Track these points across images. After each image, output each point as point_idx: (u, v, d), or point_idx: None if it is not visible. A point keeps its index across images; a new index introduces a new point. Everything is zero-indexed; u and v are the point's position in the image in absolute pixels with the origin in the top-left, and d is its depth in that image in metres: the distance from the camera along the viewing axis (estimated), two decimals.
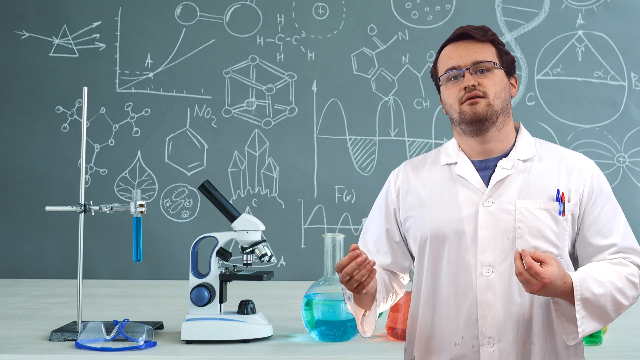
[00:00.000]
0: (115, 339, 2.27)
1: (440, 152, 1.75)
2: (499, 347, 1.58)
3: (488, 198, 1.61)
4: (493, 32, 1.68)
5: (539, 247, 1.58)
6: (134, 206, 2.43)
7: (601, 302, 1.53)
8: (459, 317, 1.62)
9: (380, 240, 1.76)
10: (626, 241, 1.62)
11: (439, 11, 4.04)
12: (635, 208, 3.98)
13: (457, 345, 1.62)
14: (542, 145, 1.70)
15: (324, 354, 2.22)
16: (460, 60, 1.63)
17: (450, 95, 1.65)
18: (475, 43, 1.65)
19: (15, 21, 4.01)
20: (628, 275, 1.58)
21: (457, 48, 1.66)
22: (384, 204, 1.77)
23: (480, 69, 1.63)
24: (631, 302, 1.58)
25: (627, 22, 4.04)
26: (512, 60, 1.68)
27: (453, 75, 1.64)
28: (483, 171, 1.66)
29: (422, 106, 4.01)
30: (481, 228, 1.60)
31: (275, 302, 3.06)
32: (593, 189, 1.63)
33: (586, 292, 1.52)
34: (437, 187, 1.68)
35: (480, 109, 1.61)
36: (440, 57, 1.70)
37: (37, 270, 3.92)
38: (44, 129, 3.99)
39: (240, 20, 4.04)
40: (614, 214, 1.64)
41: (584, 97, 4.03)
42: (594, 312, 1.53)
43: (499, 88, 1.63)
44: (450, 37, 1.69)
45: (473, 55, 1.63)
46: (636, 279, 1.58)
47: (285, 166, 4.00)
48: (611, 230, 1.62)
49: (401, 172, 1.77)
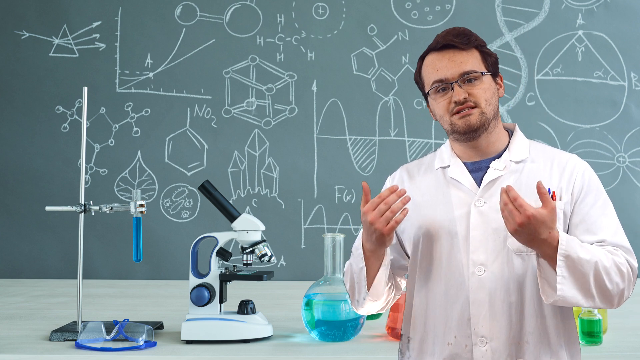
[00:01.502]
0: (115, 339, 2.27)
1: (435, 156, 1.77)
2: (492, 346, 1.59)
3: (480, 198, 1.63)
4: (475, 35, 1.67)
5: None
6: (134, 206, 2.43)
7: (585, 268, 1.50)
8: (451, 316, 1.63)
9: None
10: (615, 238, 1.60)
11: (439, 11, 4.04)
12: (635, 208, 3.99)
13: (450, 344, 1.62)
14: (536, 147, 1.71)
15: (324, 354, 2.22)
16: (447, 72, 1.63)
17: (439, 107, 1.66)
18: (460, 52, 1.64)
19: (15, 21, 4.01)
20: (616, 261, 1.54)
21: (442, 58, 1.64)
22: None
23: (468, 79, 1.63)
24: (614, 290, 1.53)
25: (627, 22, 4.04)
26: (496, 59, 1.69)
27: (441, 87, 1.64)
28: (476, 172, 1.67)
29: (422, 106, 4.01)
30: (473, 228, 1.61)
31: (275, 302, 3.06)
32: (583, 186, 1.63)
33: (570, 251, 1.49)
34: (431, 190, 1.70)
35: (474, 120, 1.62)
36: (425, 67, 1.69)
37: (37, 270, 3.92)
38: (44, 129, 3.99)
39: (240, 20, 4.04)
40: (604, 213, 1.62)
41: (584, 97, 4.03)
42: (576, 278, 1.50)
43: (489, 95, 1.64)
44: (432, 46, 1.68)
45: (459, 66, 1.62)
46: (624, 269, 1.55)
47: (285, 166, 4.00)
48: (601, 227, 1.60)
49: (397, 176, 1.80)
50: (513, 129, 1.74)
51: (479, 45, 1.66)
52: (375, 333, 2.45)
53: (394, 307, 2.36)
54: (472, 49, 1.65)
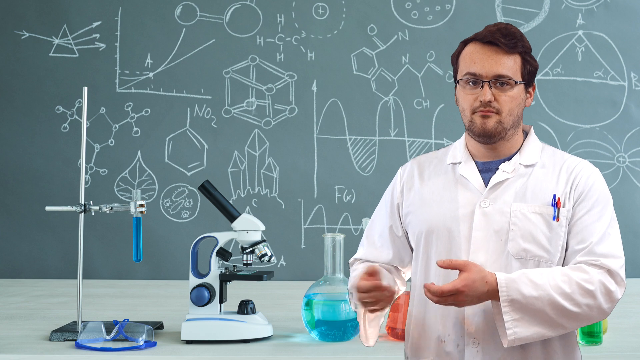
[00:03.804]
0: (115, 339, 2.27)
1: (448, 150, 1.77)
2: (483, 348, 1.59)
3: (485, 199, 1.63)
4: (523, 40, 1.64)
5: (529, 250, 1.58)
6: (134, 206, 2.43)
7: (537, 305, 1.49)
8: (447, 315, 1.63)
9: (384, 235, 1.79)
10: (600, 246, 1.56)
11: (439, 11, 4.04)
12: (635, 208, 3.99)
13: (444, 342, 1.63)
14: (548, 152, 1.69)
15: (324, 354, 2.22)
16: (483, 69, 1.61)
17: (465, 100, 1.64)
18: (502, 53, 1.62)
19: (15, 21, 4.01)
20: (581, 281, 1.51)
21: (483, 54, 1.62)
22: (390, 198, 1.80)
23: (501, 82, 1.61)
24: (586, 311, 1.51)
25: (627, 22, 4.04)
26: (535, 69, 1.67)
27: (472, 80, 1.63)
28: (485, 173, 1.67)
29: (422, 106, 4.02)
30: (475, 228, 1.61)
31: (275, 302, 3.06)
32: (583, 190, 1.61)
33: (514, 293, 1.49)
34: (438, 186, 1.70)
35: (490, 125, 1.61)
36: (464, 54, 1.66)
37: (37, 270, 3.92)
38: (44, 129, 3.99)
39: (240, 20, 4.04)
40: (599, 220, 1.59)
41: (584, 97, 4.03)
42: (531, 316, 1.49)
43: (514, 105, 1.62)
44: (479, 36, 1.64)
45: (496, 67, 1.60)
46: (592, 286, 1.51)
47: (285, 166, 4.00)
48: (591, 233, 1.57)
49: (407, 169, 1.79)
50: (529, 130, 1.73)
51: (523, 52, 1.65)
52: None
53: (394, 307, 2.36)
54: (516, 54, 1.63)
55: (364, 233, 1.85)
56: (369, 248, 1.81)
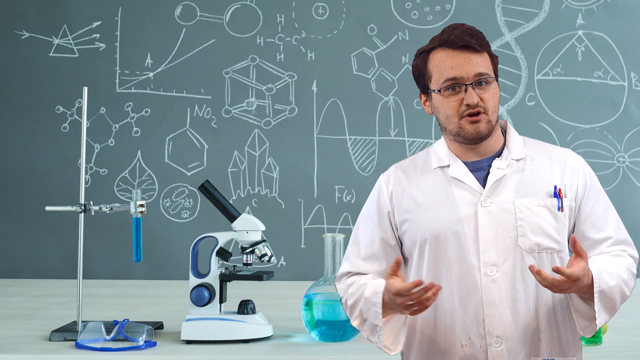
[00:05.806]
0: (115, 339, 2.27)
1: (429, 154, 1.73)
2: (507, 346, 1.59)
3: (486, 198, 1.62)
4: (483, 35, 1.65)
5: (541, 243, 1.60)
6: (134, 206, 2.43)
7: (613, 293, 1.56)
8: (465, 318, 1.61)
9: (374, 247, 1.71)
10: (619, 233, 1.66)
11: (439, 11, 4.04)
12: (635, 208, 3.99)
13: (464, 346, 1.61)
14: (531, 143, 1.71)
15: (324, 354, 2.22)
16: (463, 72, 1.60)
17: (449, 107, 1.63)
18: (475, 53, 1.62)
19: (15, 21, 4.01)
20: (629, 266, 1.62)
21: (457, 57, 1.61)
22: (376, 209, 1.72)
23: (480, 80, 1.61)
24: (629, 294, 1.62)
25: (627, 22, 4.04)
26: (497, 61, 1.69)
27: (452, 85, 1.62)
28: (477, 172, 1.66)
29: (422, 106, 4.01)
30: (482, 228, 1.61)
31: (275, 302, 3.06)
32: (586, 182, 1.66)
33: (603, 284, 1.55)
34: (432, 190, 1.67)
35: (483, 128, 1.61)
36: (436, 62, 1.65)
37: (37, 270, 3.92)
38: (44, 129, 3.99)
39: (240, 20, 4.04)
40: (606, 207, 1.67)
41: (584, 97, 4.03)
42: (606, 304, 1.56)
43: (496, 101, 1.64)
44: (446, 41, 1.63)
45: (474, 67, 1.60)
46: (634, 269, 1.63)
47: (285, 166, 4.00)
48: (605, 222, 1.65)
49: (392, 176, 1.73)
50: (505, 126, 1.73)
51: (489, 48, 1.65)
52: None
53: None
54: (484, 51, 1.64)
55: (348, 248, 1.75)
56: (357, 261, 1.72)
